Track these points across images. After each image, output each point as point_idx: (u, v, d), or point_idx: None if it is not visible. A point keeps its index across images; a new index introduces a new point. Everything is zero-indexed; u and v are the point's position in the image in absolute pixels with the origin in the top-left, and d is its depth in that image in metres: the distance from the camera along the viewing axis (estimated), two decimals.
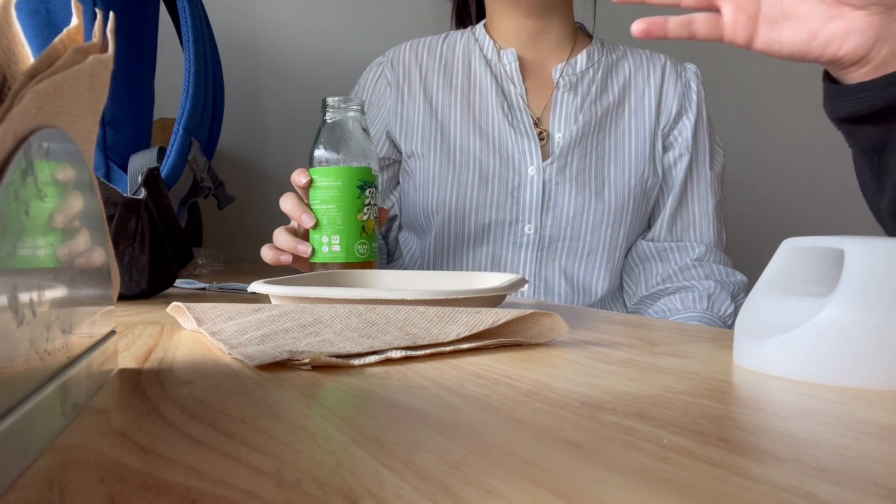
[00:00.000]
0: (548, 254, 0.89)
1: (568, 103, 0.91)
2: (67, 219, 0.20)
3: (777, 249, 0.32)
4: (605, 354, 0.33)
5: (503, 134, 0.89)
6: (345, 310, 0.37)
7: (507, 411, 0.22)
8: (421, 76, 0.94)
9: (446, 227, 0.89)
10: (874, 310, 0.26)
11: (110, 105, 0.74)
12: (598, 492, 0.15)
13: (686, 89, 0.93)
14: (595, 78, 0.93)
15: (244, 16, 1.38)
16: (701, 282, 0.88)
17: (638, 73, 0.94)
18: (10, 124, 0.16)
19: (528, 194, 0.88)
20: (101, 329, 0.25)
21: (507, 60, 0.93)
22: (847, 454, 0.18)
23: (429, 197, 0.90)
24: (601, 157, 0.89)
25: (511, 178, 0.88)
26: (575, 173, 0.88)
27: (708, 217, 0.92)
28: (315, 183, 0.64)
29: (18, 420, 0.15)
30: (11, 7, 0.20)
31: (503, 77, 0.93)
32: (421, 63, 0.95)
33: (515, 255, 0.89)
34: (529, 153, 0.88)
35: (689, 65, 0.95)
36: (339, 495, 0.15)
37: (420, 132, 0.92)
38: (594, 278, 0.90)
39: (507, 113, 0.90)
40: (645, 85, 0.93)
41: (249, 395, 0.24)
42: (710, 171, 0.93)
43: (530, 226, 0.88)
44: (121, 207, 0.57)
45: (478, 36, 0.96)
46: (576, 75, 0.93)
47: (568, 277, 0.89)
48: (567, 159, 0.88)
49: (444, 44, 0.97)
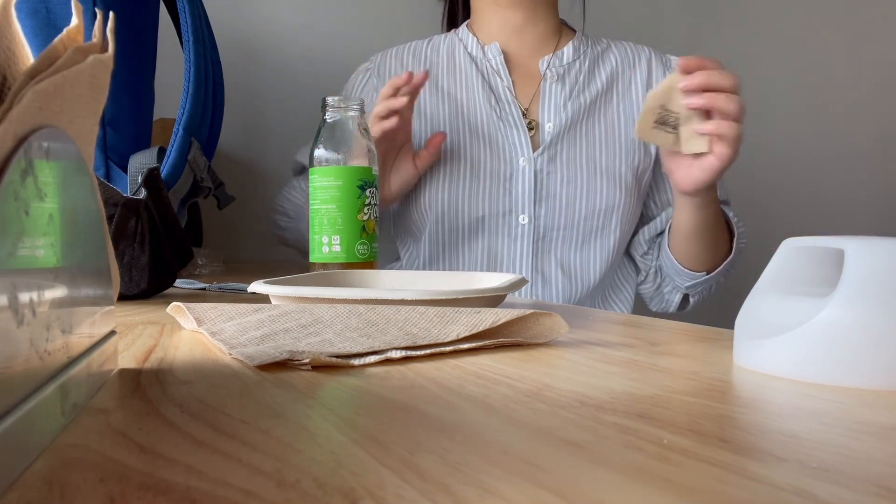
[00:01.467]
0: (543, 244, 0.89)
1: (556, 93, 0.92)
2: (67, 219, 0.20)
3: (777, 249, 0.32)
4: (605, 354, 0.33)
5: (492, 127, 0.90)
6: (345, 310, 0.37)
7: (507, 411, 0.22)
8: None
9: (440, 223, 0.90)
10: (874, 310, 0.26)
11: (110, 105, 0.74)
12: (598, 492, 0.15)
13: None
14: (582, 69, 0.94)
15: (244, 16, 1.38)
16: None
17: (624, 62, 0.96)
18: (10, 124, 0.16)
19: (521, 185, 0.88)
20: (101, 329, 0.25)
21: (491, 55, 0.94)
22: (847, 454, 0.18)
23: (421, 195, 0.90)
24: (591, 145, 0.91)
25: (503, 170, 0.89)
26: (566, 162, 0.89)
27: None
28: (315, 183, 0.64)
29: (18, 420, 0.15)
30: (11, 7, 0.20)
31: (489, 71, 0.93)
32: (405, 68, 0.96)
33: (511, 247, 0.89)
34: (520, 144, 0.89)
35: (672, 57, 0.97)
36: (339, 495, 0.15)
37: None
38: (590, 267, 0.91)
39: (496, 106, 0.91)
40: (632, 74, 0.95)
41: (249, 395, 0.24)
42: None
43: (524, 216, 0.88)
44: (121, 207, 0.57)
45: (461, 35, 0.97)
46: (563, 67, 0.94)
47: (564, 268, 0.90)
48: (557, 148, 0.89)
49: (428, 47, 0.98)
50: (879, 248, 0.27)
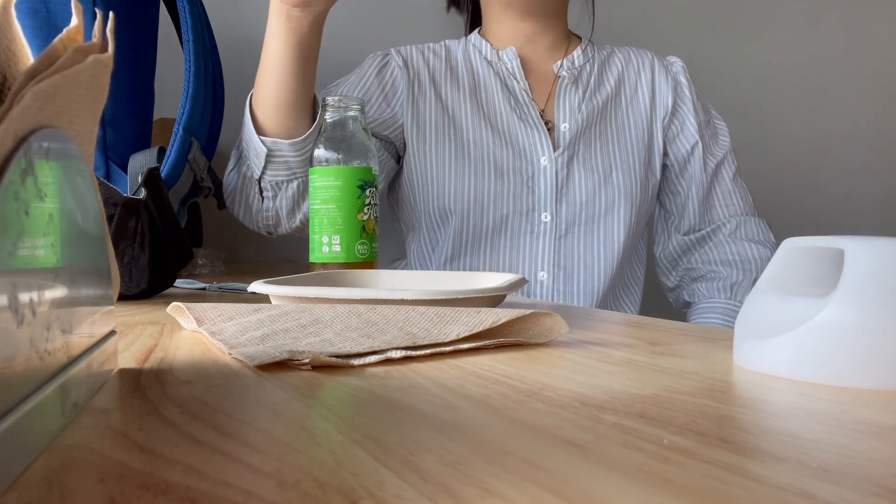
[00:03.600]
0: (565, 241, 0.92)
1: (571, 95, 0.95)
2: (67, 219, 0.20)
3: (777, 249, 0.32)
4: (605, 354, 0.33)
5: (513, 127, 0.93)
6: (345, 310, 0.37)
7: (507, 411, 0.22)
8: (430, 75, 0.96)
9: (465, 222, 0.91)
10: (874, 310, 0.26)
11: (110, 105, 0.74)
12: (598, 492, 0.15)
13: (676, 84, 0.99)
14: (592, 72, 0.98)
15: (244, 16, 1.38)
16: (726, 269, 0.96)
17: (629, 67, 1.00)
18: (10, 124, 0.16)
19: (543, 183, 0.91)
20: (101, 329, 0.25)
21: (507, 58, 0.96)
22: (847, 454, 0.18)
23: (446, 193, 0.91)
24: (605, 145, 0.94)
25: (525, 169, 0.91)
26: (583, 160, 0.93)
27: (730, 191, 0.99)
28: (315, 183, 0.64)
29: (18, 420, 0.15)
30: (11, 7, 0.20)
31: (505, 74, 0.96)
32: (428, 63, 0.97)
33: (534, 245, 0.92)
34: (540, 144, 0.92)
35: (672, 59, 1.02)
36: (339, 495, 0.15)
37: (433, 129, 0.93)
38: (610, 259, 0.93)
39: (515, 107, 0.94)
40: (637, 78, 0.99)
41: (249, 395, 0.24)
42: (722, 149, 1.00)
43: (546, 213, 0.91)
44: (121, 207, 0.57)
45: (474, 42, 0.99)
46: (576, 69, 0.97)
47: (587, 263, 0.93)
48: (575, 148, 0.93)
49: (444, 49, 1.00)
50: (879, 248, 0.27)
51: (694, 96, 0.99)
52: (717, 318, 0.91)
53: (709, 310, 0.93)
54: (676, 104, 0.98)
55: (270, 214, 0.84)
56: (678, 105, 0.98)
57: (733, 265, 0.95)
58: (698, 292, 0.96)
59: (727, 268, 0.95)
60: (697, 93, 1.00)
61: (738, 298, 0.92)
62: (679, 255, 1.01)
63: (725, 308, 0.92)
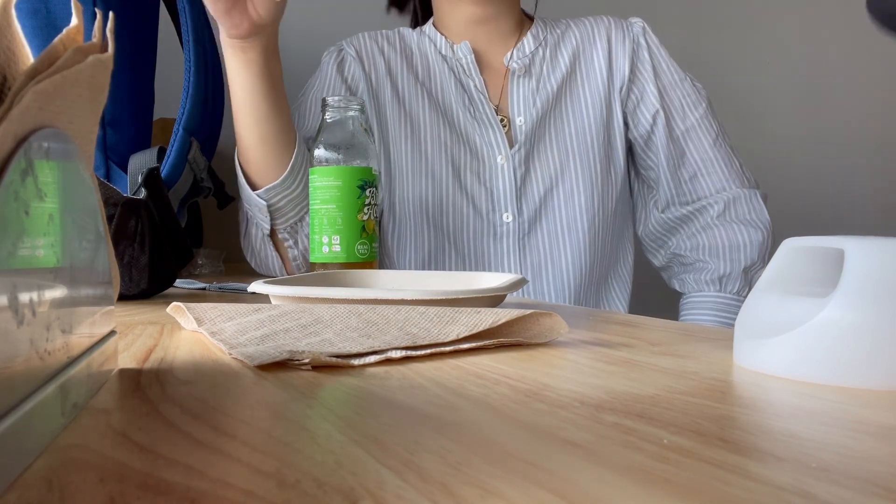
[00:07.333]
0: (529, 240, 0.89)
1: (524, 88, 0.91)
2: (67, 219, 0.20)
3: (777, 249, 0.32)
4: (605, 354, 0.33)
5: (468, 127, 0.90)
6: (345, 310, 0.37)
7: (507, 411, 0.22)
8: (386, 66, 0.93)
9: (427, 225, 0.89)
10: (874, 310, 0.26)
11: (110, 105, 0.74)
12: (598, 492, 0.15)
13: (636, 46, 0.92)
14: (545, 56, 0.93)
15: None
16: (714, 259, 0.90)
17: (584, 41, 0.94)
18: (10, 124, 0.16)
19: (501, 183, 0.88)
20: (101, 329, 0.25)
21: (461, 54, 0.92)
22: (847, 454, 0.18)
23: (404, 187, 0.89)
24: (561, 130, 0.90)
25: (482, 170, 0.88)
26: (539, 154, 0.89)
27: (710, 158, 0.91)
28: (315, 183, 0.64)
29: (18, 420, 0.15)
30: (11, 7, 0.20)
31: (460, 71, 0.92)
32: (383, 52, 0.94)
33: (497, 247, 0.89)
34: (496, 143, 0.89)
35: (634, 20, 0.94)
36: (339, 495, 0.15)
37: (391, 124, 0.91)
38: (580, 257, 0.90)
39: (469, 106, 0.91)
40: (592, 50, 0.93)
41: (249, 395, 0.24)
42: (694, 112, 0.92)
43: (507, 214, 0.88)
44: (121, 207, 0.57)
45: (429, 33, 0.95)
46: (527, 57, 0.92)
47: (554, 262, 0.90)
48: (532, 142, 0.89)
49: (397, 37, 0.96)
50: (879, 248, 0.27)
51: (657, 58, 0.92)
52: (708, 315, 0.88)
53: (698, 304, 0.90)
54: (634, 70, 0.91)
55: (300, 262, 0.83)
56: (637, 71, 0.91)
57: (721, 255, 0.90)
58: (687, 283, 0.92)
59: (715, 258, 0.90)
60: (665, 54, 0.93)
61: (728, 290, 0.89)
62: (664, 233, 0.95)
63: (715, 302, 0.89)
